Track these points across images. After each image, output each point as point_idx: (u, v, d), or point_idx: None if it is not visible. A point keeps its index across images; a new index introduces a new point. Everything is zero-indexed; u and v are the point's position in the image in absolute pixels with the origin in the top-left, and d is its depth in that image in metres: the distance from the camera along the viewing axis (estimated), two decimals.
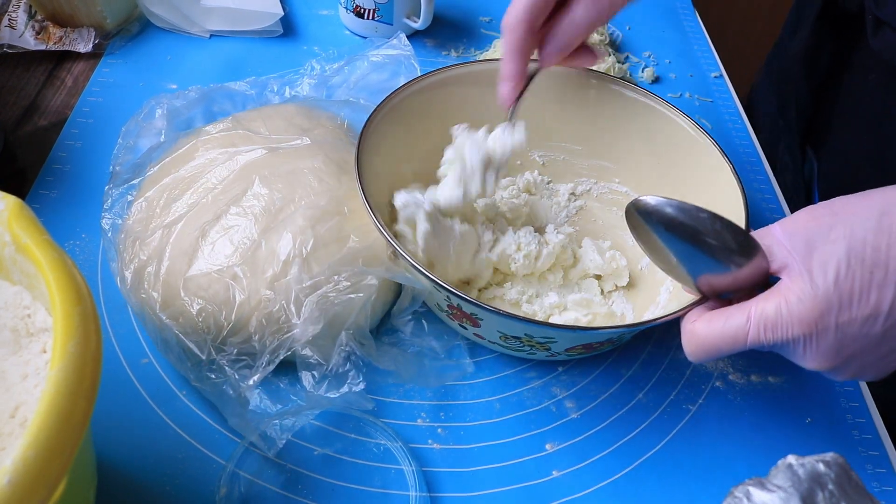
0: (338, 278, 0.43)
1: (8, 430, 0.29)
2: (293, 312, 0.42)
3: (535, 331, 0.43)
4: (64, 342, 0.26)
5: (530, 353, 0.46)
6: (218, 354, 0.42)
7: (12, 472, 0.23)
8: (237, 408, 0.41)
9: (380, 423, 0.45)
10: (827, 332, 0.34)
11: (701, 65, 0.78)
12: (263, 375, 0.42)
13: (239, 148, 0.50)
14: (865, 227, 0.33)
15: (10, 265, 0.33)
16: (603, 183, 0.58)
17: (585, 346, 0.45)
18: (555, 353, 0.45)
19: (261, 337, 0.43)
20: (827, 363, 0.35)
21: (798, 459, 0.27)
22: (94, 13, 0.68)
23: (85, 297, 0.28)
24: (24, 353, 0.32)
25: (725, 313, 0.37)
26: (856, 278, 0.33)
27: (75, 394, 0.25)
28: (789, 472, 0.27)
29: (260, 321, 0.43)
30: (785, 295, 0.35)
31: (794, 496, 0.26)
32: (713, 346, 0.37)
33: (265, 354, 0.42)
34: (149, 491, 0.41)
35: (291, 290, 0.43)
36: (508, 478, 0.44)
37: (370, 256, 0.46)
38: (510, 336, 0.44)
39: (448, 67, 0.53)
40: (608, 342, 0.46)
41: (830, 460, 0.27)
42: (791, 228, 0.36)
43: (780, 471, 0.27)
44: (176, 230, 0.46)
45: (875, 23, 0.54)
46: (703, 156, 0.51)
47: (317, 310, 0.42)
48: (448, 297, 0.43)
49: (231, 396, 0.41)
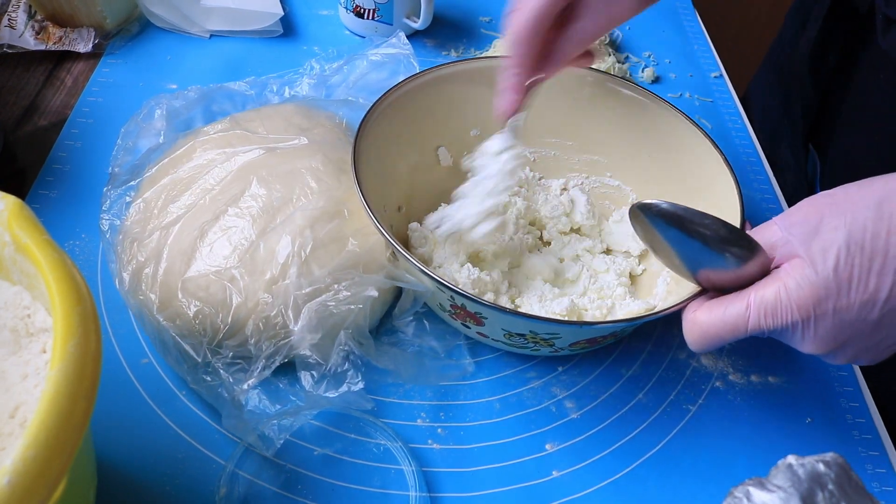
0: (338, 287, 0.43)
1: (8, 430, 0.29)
2: (291, 319, 0.42)
3: (539, 327, 0.43)
4: (64, 342, 0.26)
5: (534, 350, 0.46)
6: (213, 357, 0.42)
7: (12, 472, 0.23)
8: (233, 410, 0.41)
9: (379, 423, 0.45)
10: (825, 317, 0.34)
11: (701, 65, 0.78)
12: (259, 380, 0.42)
13: (237, 148, 0.49)
14: (865, 215, 0.34)
15: (10, 265, 0.33)
16: (595, 177, 0.58)
17: (589, 340, 0.45)
18: (559, 348, 0.45)
19: (257, 341, 0.42)
20: (824, 347, 0.36)
21: (798, 459, 0.27)
22: (94, 13, 0.68)
23: (85, 298, 0.28)
24: (23, 353, 0.32)
25: (725, 302, 0.37)
26: (855, 265, 0.33)
27: (75, 394, 0.25)
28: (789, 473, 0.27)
29: (257, 325, 0.43)
30: (784, 280, 0.35)
31: (794, 496, 0.26)
32: (715, 335, 0.37)
33: (261, 360, 0.42)
34: (149, 491, 0.41)
35: (290, 295, 0.43)
36: (508, 478, 0.44)
37: (370, 261, 0.46)
38: (514, 333, 0.44)
39: (444, 65, 0.53)
40: (611, 336, 0.46)
41: (830, 460, 0.27)
42: (792, 219, 0.36)
43: (780, 471, 0.27)
44: (174, 231, 0.45)
45: (885, 22, 0.54)
46: (697, 150, 0.51)
47: (315, 318, 0.42)
48: (452, 296, 0.43)
49: (226, 399, 0.41)
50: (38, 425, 0.24)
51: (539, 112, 0.56)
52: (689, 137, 0.51)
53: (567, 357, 0.50)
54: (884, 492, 0.45)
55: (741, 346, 0.52)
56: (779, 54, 0.73)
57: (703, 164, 0.50)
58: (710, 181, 0.50)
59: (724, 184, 0.48)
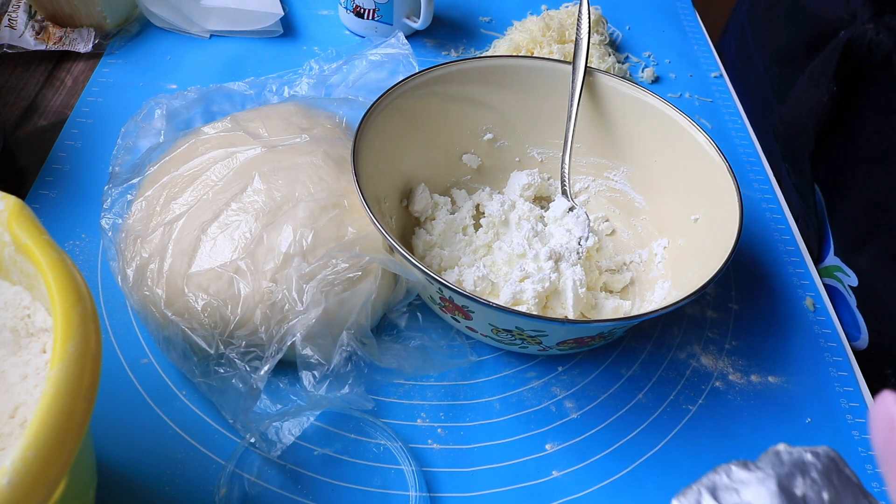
0: (336, 262, 0.44)
1: (8, 431, 0.29)
2: (296, 300, 0.43)
3: (525, 324, 0.43)
4: (64, 342, 0.26)
5: (522, 347, 0.46)
6: (227, 348, 0.43)
7: (12, 472, 0.23)
8: (245, 402, 0.41)
9: (380, 423, 0.45)
10: None
11: (701, 65, 0.78)
12: (273, 365, 0.42)
13: (238, 147, 0.50)
14: None
15: (10, 265, 0.33)
16: (601, 180, 0.58)
17: (577, 340, 0.45)
18: (546, 346, 0.45)
19: (267, 328, 0.43)
20: None
21: (788, 448, 0.27)
22: (93, 13, 0.68)
23: (85, 297, 0.28)
24: (23, 353, 0.32)
25: None
26: None
27: (75, 394, 0.25)
28: (775, 458, 0.27)
29: (264, 312, 0.43)
30: None
31: (772, 478, 0.26)
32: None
33: (273, 343, 0.42)
34: (148, 491, 0.41)
35: (292, 279, 0.43)
36: (508, 478, 0.44)
37: (367, 246, 0.46)
38: (502, 329, 0.44)
39: (445, 64, 0.53)
40: (599, 336, 0.46)
41: (821, 452, 0.27)
42: None
43: (768, 456, 0.27)
44: (177, 227, 0.46)
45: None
46: (697, 151, 0.51)
47: (318, 293, 0.43)
48: (440, 289, 0.43)
49: (240, 390, 0.41)
50: (38, 425, 0.24)
51: (548, 114, 0.56)
52: (689, 138, 0.51)
53: (567, 357, 0.50)
54: (883, 492, 0.45)
55: (741, 346, 0.52)
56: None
57: (702, 164, 0.50)
58: (709, 181, 0.50)
59: (723, 184, 0.48)
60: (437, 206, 0.55)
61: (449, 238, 0.53)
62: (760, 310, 0.55)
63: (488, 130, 0.57)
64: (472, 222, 0.54)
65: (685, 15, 0.86)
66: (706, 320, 0.54)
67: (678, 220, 0.52)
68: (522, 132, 0.58)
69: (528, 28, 0.73)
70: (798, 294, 0.57)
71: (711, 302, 0.55)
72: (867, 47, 0.55)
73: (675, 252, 0.52)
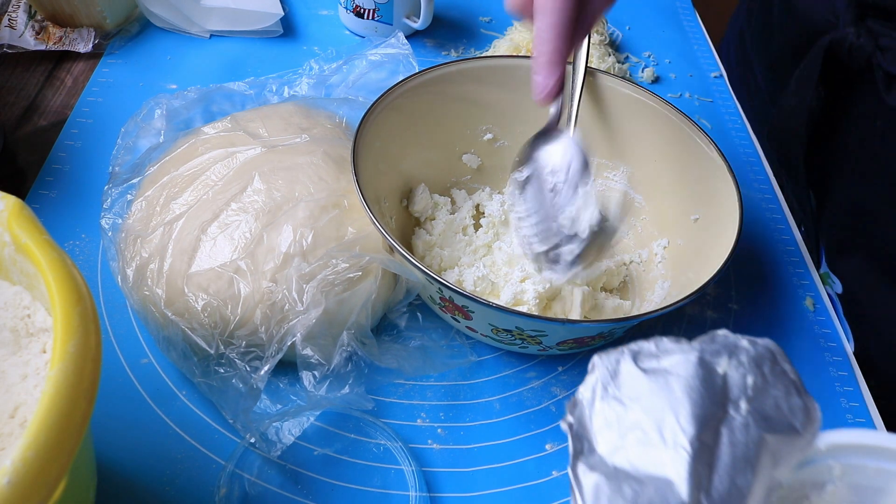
0: (336, 262, 0.44)
1: (8, 431, 0.29)
2: (296, 300, 0.43)
3: (525, 324, 0.43)
4: (64, 342, 0.26)
5: (522, 347, 0.46)
6: (227, 348, 0.43)
7: (12, 472, 0.23)
8: (245, 402, 0.41)
9: (380, 423, 0.45)
10: None
11: (701, 65, 0.78)
12: (273, 365, 0.42)
13: (238, 147, 0.50)
14: None
15: (10, 265, 0.33)
16: (601, 180, 0.58)
17: (577, 340, 0.45)
18: (546, 346, 0.45)
19: (267, 328, 0.43)
20: None
21: (728, 332, 0.26)
22: (93, 13, 0.68)
23: (85, 297, 0.28)
24: (23, 353, 0.32)
25: None
26: None
27: (75, 394, 0.25)
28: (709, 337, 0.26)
29: (265, 312, 0.43)
30: None
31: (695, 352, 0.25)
32: None
33: (273, 343, 0.42)
34: (148, 491, 0.41)
35: (292, 279, 0.43)
36: (508, 478, 0.44)
37: (367, 245, 0.46)
38: (502, 329, 0.44)
39: (445, 64, 0.53)
40: (599, 337, 0.46)
41: (760, 342, 0.26)
42: None
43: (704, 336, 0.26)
44: (177, 227, 0.46)
45: (886, 79, 0.53)
46: (697, 151, 0.51)
47: (318, 293, 0.43)
48: (440, 289, 0.43)
49: (240, 390, 0.41)
50: (38, 425, 0.24)
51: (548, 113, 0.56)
52: (689, 138, 0.51)
53: (567, 357, 0.50)
54: None
55: None
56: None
57: (702, 164, 0.50)
58: (709, 181, 0.50)
59: (723, 184, 0.48)
60: (437, 207, 0.55)
61: (449, 238, 0.53)
62: (760, 310, 0.55)
63: (488, 130, 0.57)
64: (472, 222, 0.54)
65: (685, 15, 0.86)
66: (706, 320, 0.54)
67: (678, 220, 0.52)
68: (522, 132, 0.58)
69: (528, 28, 0.73)
70: (798, 294, 0.57)
71: (711, 302, 0.55)
72: (848, 51, 0.55)
73: (675, 252, 0.52)
